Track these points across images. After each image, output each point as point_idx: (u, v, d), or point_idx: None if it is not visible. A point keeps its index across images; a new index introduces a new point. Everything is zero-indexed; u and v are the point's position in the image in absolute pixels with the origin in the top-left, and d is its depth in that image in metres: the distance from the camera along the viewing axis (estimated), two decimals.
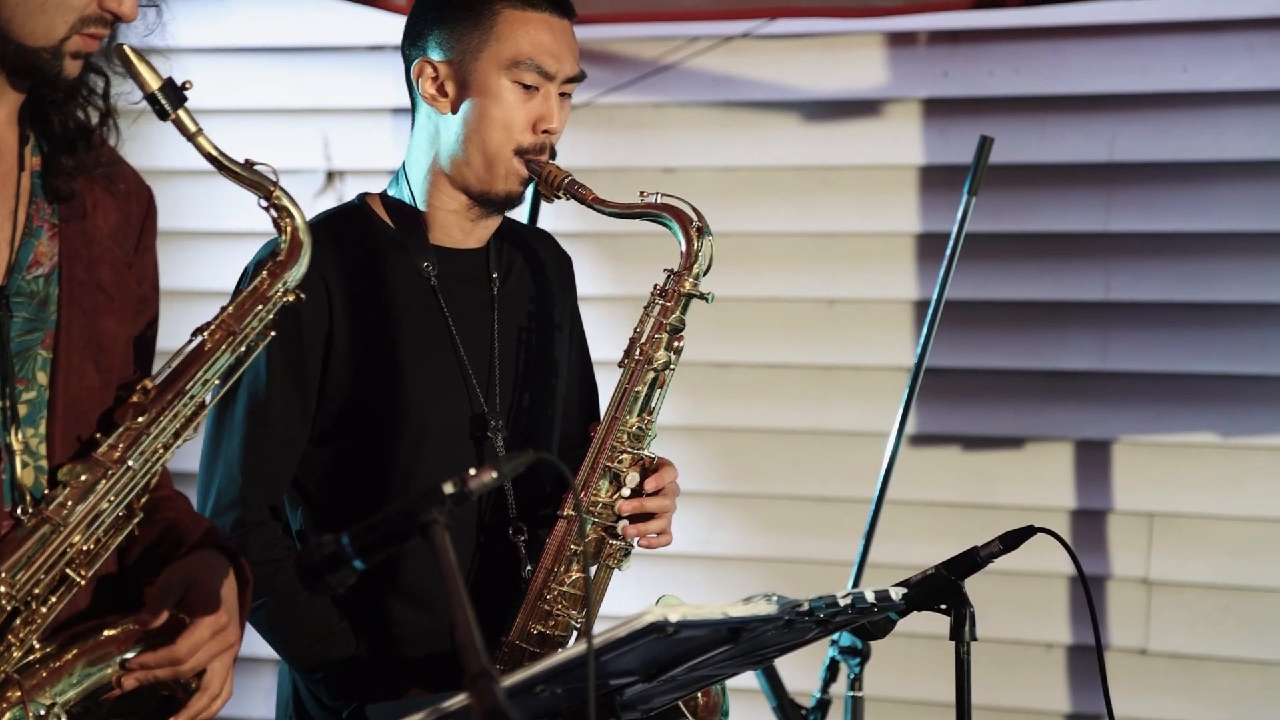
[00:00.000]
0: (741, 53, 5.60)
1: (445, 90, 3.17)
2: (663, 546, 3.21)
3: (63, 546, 2.48)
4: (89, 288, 2.59)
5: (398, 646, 3.16)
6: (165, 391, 2.55)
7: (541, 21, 3.16)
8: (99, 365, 2.59)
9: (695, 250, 3.13)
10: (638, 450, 3.15)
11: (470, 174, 3.17)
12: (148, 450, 2.53)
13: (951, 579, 3.07)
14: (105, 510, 2.51)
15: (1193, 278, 5.28)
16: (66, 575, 2.50)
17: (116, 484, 2.51)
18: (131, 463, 2.52)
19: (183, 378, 2.56)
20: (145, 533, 2.61)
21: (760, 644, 2.78)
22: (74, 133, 2.58)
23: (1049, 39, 5.38)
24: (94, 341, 2.58)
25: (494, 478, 2.30)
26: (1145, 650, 5.31)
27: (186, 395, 2.56)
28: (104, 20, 2.51)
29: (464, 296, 3.22)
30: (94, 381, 2.58)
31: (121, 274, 2.65)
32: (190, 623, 2.54)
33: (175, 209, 5.99)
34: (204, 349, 2.58)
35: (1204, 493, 5.27)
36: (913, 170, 5.51)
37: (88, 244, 2.61)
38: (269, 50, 6.06)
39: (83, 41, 2.50)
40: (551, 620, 3.13)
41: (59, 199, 2.57)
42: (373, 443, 3.15)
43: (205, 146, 2.58)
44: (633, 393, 3.14)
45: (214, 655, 2.56)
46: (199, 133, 2.58)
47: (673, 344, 3.15)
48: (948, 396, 5.42)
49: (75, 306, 2.57)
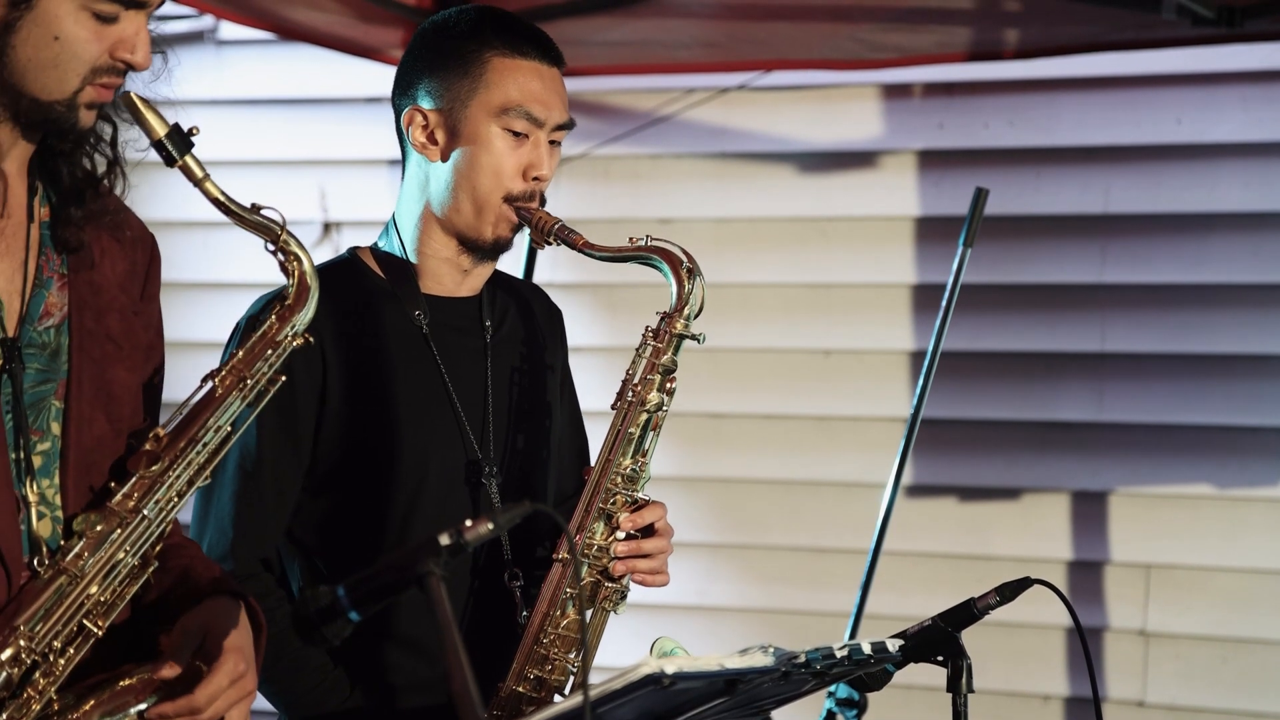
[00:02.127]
0: (737, 105, 5.62)
1: (435, 138, 3.18)
2: (659, 586, 3.21)
3: (80, 598, 2.48)
4: (98, 337, 2.59)
5: (394, 695, 3.15)
6: (178, 439, 2.55)
7: (531, 69, 3.18)
8: (110, 414, 2.58)
9: (686, 292, 3.14)
10: (631, 492, 3.15)
11: (460, 221, 3.18)
12: (162, 499, 2.53)
13: (948, 630, 3.06)
14: (121, 560, 2.51)
15: (1188, 329, 5.29)
16: (84, 626, 2.49)
17: (132, 534, 2.51)
18: (146, 512, 2.52)
19: (194, 424, 2.56)
20: (159, 581, 2.60)
21: (757, 696, 2.77)
22: (82, 182, 2.59)
23: (1044, 91, 5.40)
24: (104, 391, 2.58)
25: (490, 529, 2.30)
26: (1143, 702, 5.30)
27: (199, 443, 2.55)
28: (117, 70, 2.51)
29: (457, 345, 3.23)
30: (105, 431, 2.57)
31: (129, 322, 2.65)
32: (208, 671, 2.53)
33: (171, 260, 6.00)
34: (215, 395, 2.58)
35: (1201, 544, 5.27)
36: (908, 221, 5.52)
37: (96, 293, 2.61)
38: (266, 102, 6.08)
39: (96, 92, 2.51)
40: (548, 664, 3.12)
41: (67, 250, 2.58)
42: (369, 493, 3.15)
43: (213, 192, 2.58)
44: (626, 434, 3.14)
45: (232, 704, 2.56)
46: (206, 178, 2.58)
47: (665, 385, 3.15)
48: (944, 447, 5.42)
49: (85, 356, 2.57)
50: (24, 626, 2.44)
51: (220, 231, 2.51)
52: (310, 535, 3.16)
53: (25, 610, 2.45)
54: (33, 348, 2.53)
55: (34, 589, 2.47)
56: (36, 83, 2.47)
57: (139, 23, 2.51)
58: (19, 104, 2.48)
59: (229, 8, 5.14)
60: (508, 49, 3.16)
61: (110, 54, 2.50)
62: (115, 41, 2.49)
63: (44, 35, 2.45)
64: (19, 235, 2.54)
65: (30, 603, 2.45)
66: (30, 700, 2.45)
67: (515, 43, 3.16)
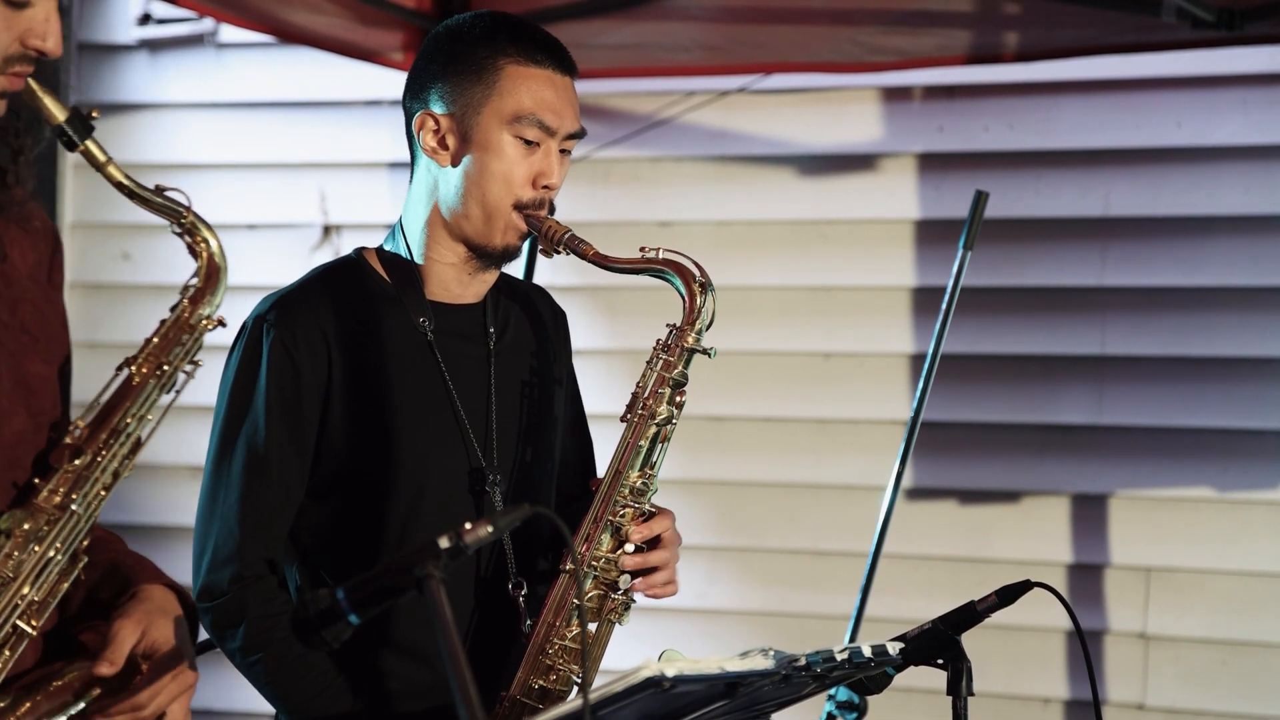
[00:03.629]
0: (737, 107, 5.62)
1: (446, 143, 3.18)
2: (669, 595, 3.21)
3: (13, 599, 2.44)
4: (13, 330, 2.55)
5: (396, 701, 3.15)
6: (99, 430, 2.50)
7: (544, 78, 3.17)
8: (29, 408, 2.54)
9: (698, 305, 3.13)
10: (639, 505, 3.15)
11: (469, 227, 3.17)
12: (90, 493, 2.48)
13: (948, 633, 3.06)
14: (52, 558, 2.46)
15: (1188, 332, 5.29)
16: (18, 627, 2.45)
17: (62, 530, 2.47)
18: (75, 507, 2.47)
19: (114, 414, 2.51)
20: (87, 576, 2.56)
21: (757, 699, 2.77)
22: None
23: (1044, 94, 5.40)
24: (23, 384, 2.54)
25: (489, 532, 2.30)
26: (1143, 705, 5.30)
27: (122, 433, 2.50)
28: (29, 58, 2.44)
29: (460, 351, 3.22)
30: (26, 425, 2.53)
31: (43, 312, 2.61)
32: (148, 666, 2.50)
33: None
34: (132, 383, 2.53)
35: (1201, 547, 5.27)
36: (908, 224, 5.52)
37: (8, 285, 2.56)
38: (266, 105, 6.08)
39: (8, 81, 2.44)
40: (553, 675, 3.12)
41: None
42: (370, 498, 3.15)
43: (115, 175, 2.51)
44: (635, 447, 3.14)
45: (174, 698, 2.52)
46: (109, 162, 2.51)
47: (675, 399, 3.16)
48: (944, 450, 5.42)
49: (2, 350, 2.53)
50: None
51: None
52: (311, 540, 3.16)
53: None
54: None
55: None
56: None
57: (49, 8, 2.44)
58: None
59: (229, 11, 5.14)
60: (522, 56, 3.16)
61: (21, 42, 2.42)
62: (25, 29, 2.42)
63: None
64: None
65: None
66: None
67: (530, 50, 3.16)
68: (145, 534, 5.57)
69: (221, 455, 3.11)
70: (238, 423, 3.10)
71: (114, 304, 6.06)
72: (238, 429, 3.10)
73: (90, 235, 6.17)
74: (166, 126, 6.11)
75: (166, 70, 6.13)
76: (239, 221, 5.95)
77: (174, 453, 5.36)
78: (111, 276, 6.12)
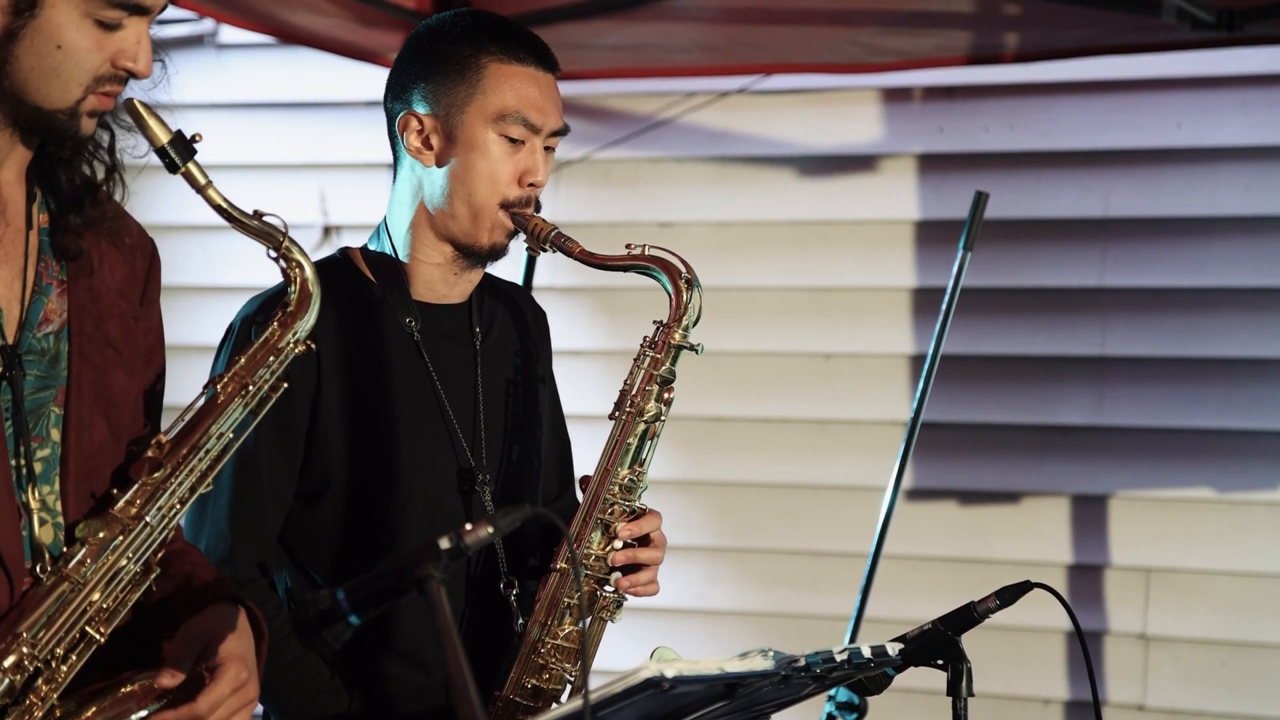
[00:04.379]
0: (737, 108, 5.62)
1: (430, 143, 3.17)
2: (649, 595, 3.21)
3: (83, 605, 2.47)
4: (98, 343, 2.59)
5: (391, 703, 3.15)
6: (180, 446, 2.54)
7: (527, 75, 3.17)
8: (110, 420, 2.58)
9: (684, 302, 3.13)
10: (629, 502, 3.15)
11: (455, 227, 3.17)
12: (165, 506, 2.53)
13: (948, 634, 3.06)
14: (124, 567, 2.50)
15: (1188, 333, 5.29)
16: (86, 633, 2.48)
17: (135, 540, 2.50)
18: (149, 519, 2.51)
19: (196, 431, 2.55)
20: (161, 587, 2.60)
21: (756, 700, 2.77)
22: (81, 189, 2.58)
23: (1044, 95, 5.40)
24: (104, 397, 2.58)
25: (490, 533, 2.30)
26: (1143, 706, 5.30)
27: (201, 450, 2.55)
28: (118, 78, 2.50)
29: (447, 352, 3.22)
30: (105, 437, 2.57)
31: (129, 328, 2.65)
32: (210, 679, 2.53)
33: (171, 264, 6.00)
34: (217, 402, 2.57)
35: (1201, 548, 5.27)
36: (908, 225, 5.52)
37: (95, 299, 2.60)
38: (266, 106, 6.09)
39: (98, 100, 2.50)
40: (545, 674, 3.12)
41: (67, 257, 2.57)
42: (360, 501, 3.14)
43: (215, 199, 2.59)
44: (624, 445, 3.14)
45: (234, 711, 2.55)
46: (209, 185, 2.58)
47: (663, 395, 3.15)
48: (944, 451, 5.42)
49: (85, 362, 2.57)
50: (26, 633, 2.43)
51: (221, 236, 2.50)
52: (301, 543, 3.16)
53: (28, 617, 2.44)
54: (32, 354, 2.52)
55: (36, 596, 2.46)
56: (39, 91, 2.46)
57: (141, 30, 2.51)
58: (20, 112, 2.48)
59: (229, 11, 5.14)
60: (504, 54, 3.15)
61: (112, 62, 2.49)
62: (117, 50, 2.49)
63: (47, 44, 2.44)
64: (18, 242, 2.54)
65: (32, 609, 2.45)
66: (32, 707, 2.44)
67: (511, 48, 3.15)
68: None
69: None
70: None
71: None
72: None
73: None
74: None
75: (166, 71, 6.12)
76: None
77: None
78: None
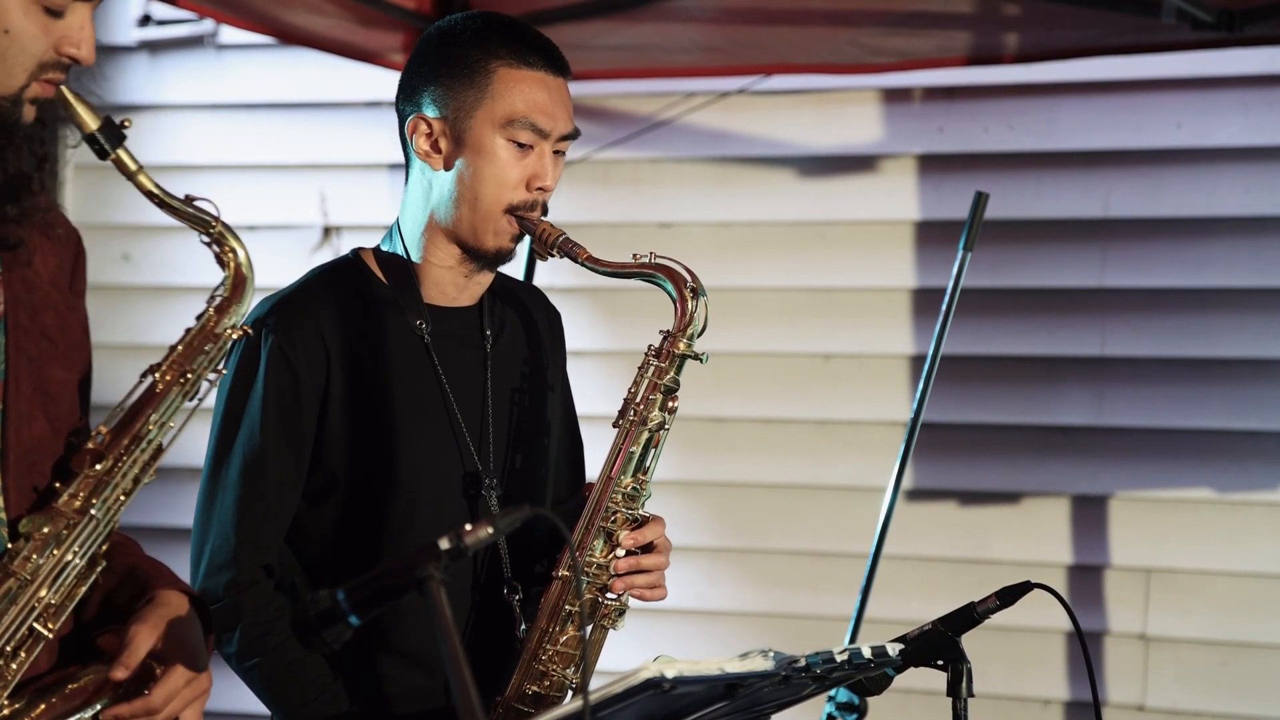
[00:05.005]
0: (737, 108, 5.62)
1: (439, 146, 3.17)
2: (656, 600, 3.20)
3: (30, 601, 2.44)
4: (34, 335, 2.56)
5: (392, 705, 3.15)
6: (120, 436, 2.51)
7: (537, 80, 3.16)
8: (48, 413, 2.55)
9: (690, 311, 3.13)
10: (632, 510, 3.14)
11: (463, 230, 3.17)
12: (109, 498, 2.49)
13: (948, 634, 3.06)
14: (70, 562, 2.47)
15: (1188, 333, 5.29)
16: (34, 629, 2.45)
17: (80, 535, 2.47)
18: (94, 511, 2.48)
19: (137, 421, 2.52)
20: (105, 580, 2.56)
21: (756, 700, 2.77)
22: (15, 179, 2.52)
23: (1044, 95, 5.40)
24: (42, 389, 2.55)
25: (489, 533, 2.30)
26: (1143, 706, 5.30)
27: (143, 440, 2.52)
28: (62, 65, 2.45)
29: (457, 355, 3.22)
30: (44, 430, 2.54)
31: (64, 319, 2.62)
32: (162, 671, 2.51)
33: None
34: (155, 390, 2.54)
35: (1201, 548, 5.27)
36: (908, 225, 5.52)
37: (30, 291, 2.57)
38: (266, 106, 6.08)
39: (41, 88, 2.45)
40: (547, 680, 3.11)
41: (6, 247, 2.54)
42: (366, 502, 3.14)
43: (146, 184, 2.53)
44: (627, 453, 3.13)
45: (187, 703, 2.53)
46: (140, 170, 2.52)
47: (667, 404, 3.14)
48: (944, 451, 5.42)
49: (22, 355, 2.54)
50: None
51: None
52: (307, 545, 3.16)
53: None
54: None
55: None
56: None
57: (84, 16, 2.46)
58: None
59: (229, 12, 5.14)
60: (514, 59, 3.14)
61: (56, 49, 2.44)
62: (61, 36, 2.44)
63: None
64: None
65: None
66: None
67: (521, 52, 3.14)
68: (142, 535, 5.56)
69: (218, 459, 3.10)
70: (235, 427, 3.10)
71: (114, 305, 6.06)
72: (235, 433, 3.10)
73: (90, 236, 6.08)
74: (167, 128, 6.10)
75: (167, 71, 6.13)
76: (239, 223, 5.83)
77: (173, 454, 5.35)
78: (111, 278, 6.11)
